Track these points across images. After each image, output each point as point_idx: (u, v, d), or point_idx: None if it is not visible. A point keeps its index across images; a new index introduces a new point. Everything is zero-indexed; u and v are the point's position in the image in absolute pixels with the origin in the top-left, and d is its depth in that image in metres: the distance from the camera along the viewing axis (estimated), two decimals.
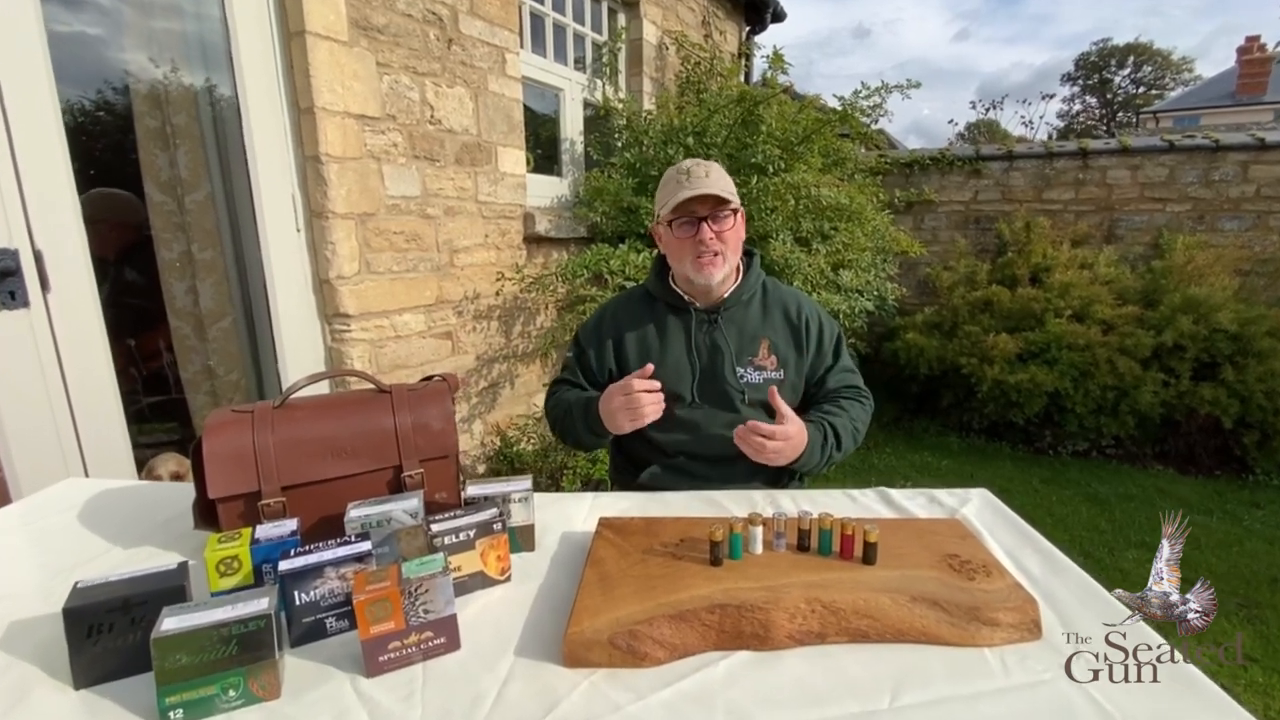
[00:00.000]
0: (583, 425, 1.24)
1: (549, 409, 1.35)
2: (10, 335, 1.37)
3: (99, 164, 2.29)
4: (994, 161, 4.44)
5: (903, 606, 0.73)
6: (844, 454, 1.25)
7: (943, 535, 0.88)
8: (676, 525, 0.92)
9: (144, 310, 2.13)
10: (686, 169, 1.21)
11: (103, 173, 2.28)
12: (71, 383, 1.48)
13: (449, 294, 2.44)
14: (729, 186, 1.22)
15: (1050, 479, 3.27)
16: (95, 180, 2.26)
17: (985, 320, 3.75)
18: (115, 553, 0.97)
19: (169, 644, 0.61)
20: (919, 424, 4.09)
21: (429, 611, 0.70)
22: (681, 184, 1.19)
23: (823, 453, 1.20)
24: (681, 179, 1.20)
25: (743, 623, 0.72)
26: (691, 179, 1.18)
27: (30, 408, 1.41)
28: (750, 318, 1.27)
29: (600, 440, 1.28)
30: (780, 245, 2.46)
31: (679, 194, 1.18)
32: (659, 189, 1.27)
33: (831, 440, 1.21)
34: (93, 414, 1.53)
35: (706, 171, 1.20)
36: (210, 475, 0.87)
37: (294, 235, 1.94)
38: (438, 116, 2.28)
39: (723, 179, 1.22)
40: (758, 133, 2.65)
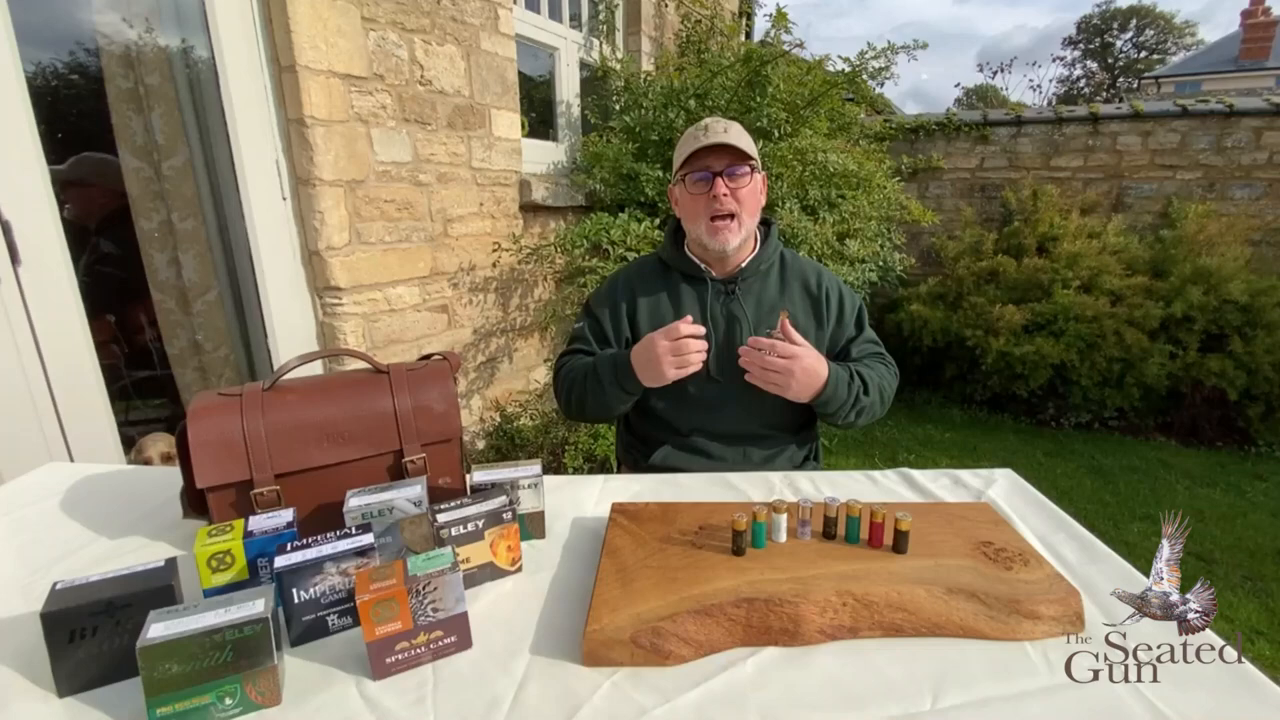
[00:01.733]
0: (611, 381, 1.13)
1: (561, 378, 1.25)
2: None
3: (72, 129, 2.18)
4: (1001, 127, 4.33)
5: (939, 599, 0.69)
6: (870, 407, 1.15)
7: (974, 521, 0.84)
8: (695, 511, 0.88)
9: (128, 281, 2.05)
10: (705, 125, 1.14)
11: (78, 138, 2.17)
12: (49, 360, 1.41)
13: (444, 265, 2.36)
14: (748, 144, 1.15)
15: (1054, 452, 3.26)
16: (69, 146, 2.15)
17: (991, 291, 3.69)
18: (101, 544, 0.92)
19: (157, 652, 0.56)
20: (921, 396, 4.07)
21: (438, 610, 0.66)
22: (698, 138, 1.13)
23: (850, 389, 1.11)
24: (699, 134, 1.13)
25: (771, 617, 0.68)
26: (709, 133, 1.12)
27: (5, 388, 1.35)
28: (768, 288, 1.21)
29: (626, 400, 1.16)
30: (787, 214, 2.38)
31: (694, 145, 1.12)
32: (677, 148, 1.20)
33: (857, 380, 1.13)
34: (73, 393, 1.47)
35: (726, 128, 1.14)
36: (198, 464, 0.82)
37: (280, 204, 1.85)
38: (428, 76, 2.16)
39: (743, 137, 1.15)
40: (764, 95, 2.54)
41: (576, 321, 1.29)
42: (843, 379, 1.11)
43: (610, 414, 1.22)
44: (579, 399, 1.21)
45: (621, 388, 1.13)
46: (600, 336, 1.25)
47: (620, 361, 1.11)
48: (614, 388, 1.14)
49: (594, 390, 1.17)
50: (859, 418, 1.16)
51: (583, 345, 1.26)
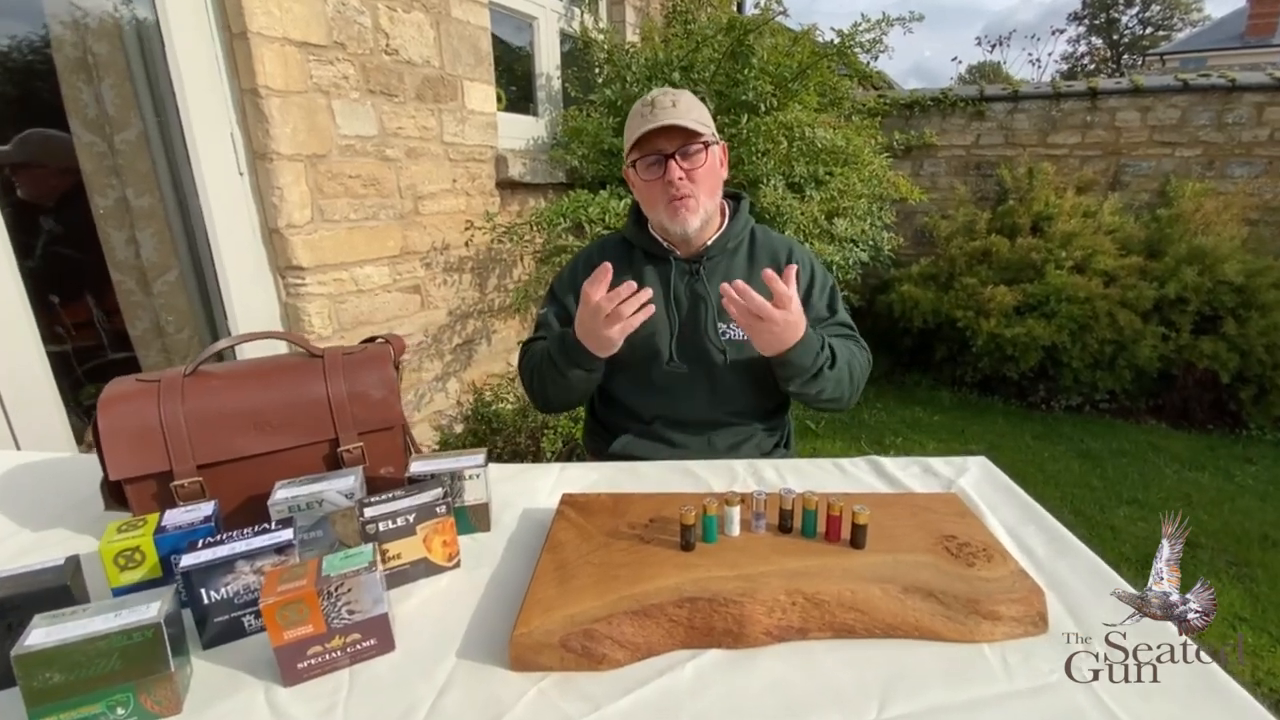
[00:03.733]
0: (564, 360, 1.05)
1: (523, 369, 1.19)
2: None
3: (19, 101, 2.08)
4: (998, 103, 4.23)
5: (894, 598, 0.64)
6: (835, 386, 1.07)
7: (939, 513, 0.79)
8: (647, 503, 0.83)
9: (85, 262, 1.98)
10: (651, 99, 1.06)
11: (27, 111, 2.07)
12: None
13: (415, 244, 2.29)
14: (701, 116, 1.07)
15: (1042, 435, 3.23)
16: (20, 120, 2.06)
17: (983, 272, 3.63)
18: (22, 536, 0.87)
19: (35, 660, 0.52)
20: (911, 378, 4.03)
21: (354, 612, 0.61)
22: (645, 116, 1.05)
23: (816, 359, 1.02)
24: (645, 111, 1.05)
25: (714, 618, 0.63)
26: (656, 110, 1.04)
27: None
28: (735, 267, 1.15)
29: (586, 377, 1.09)
30: (771, 191, 2.30)
31: (641, 128, 1.04)
32: (625, 126, 1.12)
33: (827, 353, 1.05)
34: (15, 377, 1.41)
35: (674, 100, 1.05)
36: (110, 454, 0.77)
37: (237, 179, 1.78)
38: (394, 45, 2.07)
39: (694, 108, 1.07)
40: (748, 66, 2.44)
41: (541, 307, 1.23)
42: (811, 347, 1.02)
43: (575, 396, 1.16)
44: (541, 386, 1.15)
45: (576, 364, 1.06)
46: (565, 321, 1.18)
47: (568, 338, 1.04)
48: (568, 366, 1.06)
49: (552, 375, 1.10)
50: (817, 392, 1.07)
51: (546, 333, 1.19)
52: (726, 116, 2.49)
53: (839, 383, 1.08)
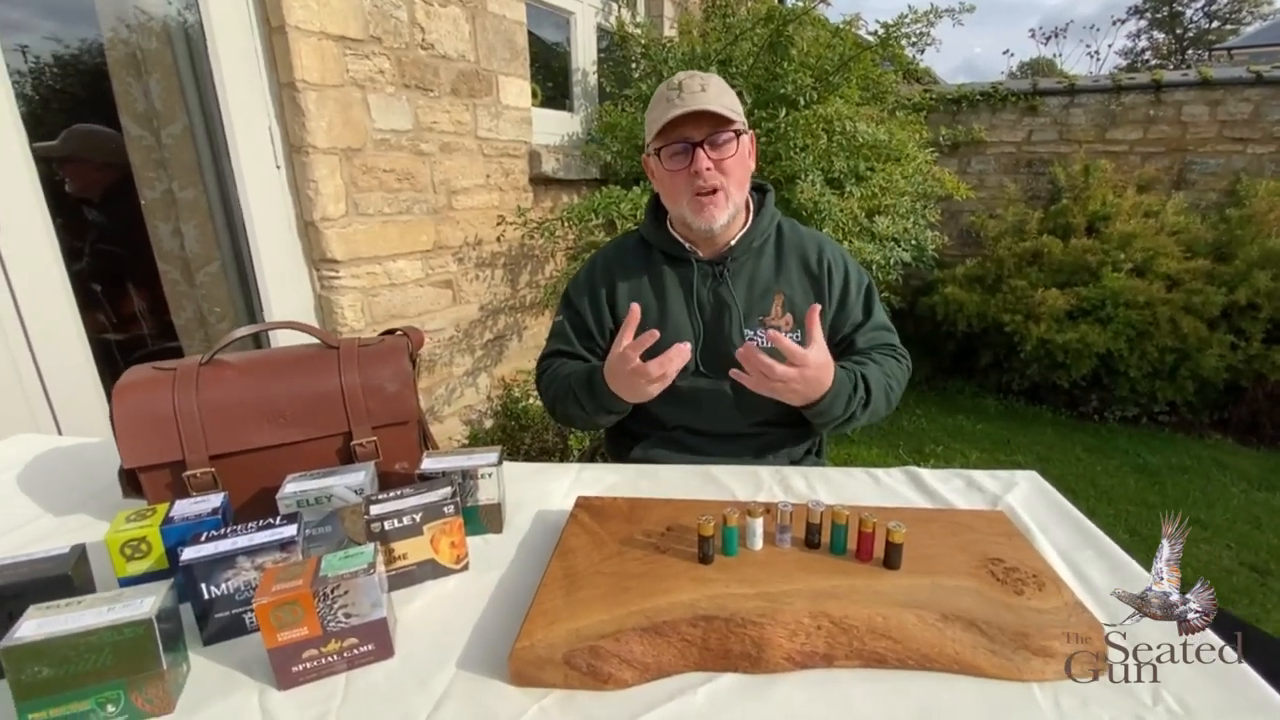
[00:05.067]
0: (593, 406, 1.01)
1: (543, 389, 1.13)
2: None
3: (75, 98, 2.15)
4: (1053, 97, 4.02)
5: (930, 626, 0.58)
6: (872, 415, 1.03)
7: (984, 533, 0.73)
8: (664, 509, 0.79)
9: (131, 254, 2.04)
10: (678, 82, 0.99)
11: (85, 107, 2.15)
12: (33, 331, 1.39)
13: (448, 239, 2.29)
14: (731, 102, 1.01)
15: (1095, 447, 3.05)
16: (78, 116, 2.13)
17: (1033, 274, 3.46)
18: (43, 521, 0.88)
19: (24, 653, 0.50)
20: (954, 384, 3.87)
21: (351, 615, 0.58)
22: (672, 101, 0.98)
23: (849, 405, 0.97)
24: (672, 95, 0.98)
25: (731, 639, 0.58)
26: (684, 94, 0.97)
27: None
28: (762, 268, 1.08)
29: (620, 416, 1.05)
30: (809, 187, 2.22)
31: (667, 113, 0.97)
32: (648, 111, 1.06)
33: (861, 393, 0.99)
34: (59, 365, 1.44)
35: (703, 84, 0.98)
36: (123, 442, 0.76)
37: (274, 172, 1.80)
38: (430, 40, 2.07)
39: (724, 93, 1.00)
40: (788, 59, 2.37)
41: (557, 314, 1.18)
42: (844, 392, 0.96)
43: (605, 427, 1.14)
44: (564, 415, 1.09)
45: (607, 410, 1.01)
46: (581, 330, 1.13)
47: (596, 383, 0.98)
48: (599, 411, 1.02)
49: (578, 413, 1.05)
50: (846, 429, 1.05)
51: (563, 344, 1.13)
52: (764, 110, 2.42)
53: (874, 414, 1.04)
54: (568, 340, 1.13)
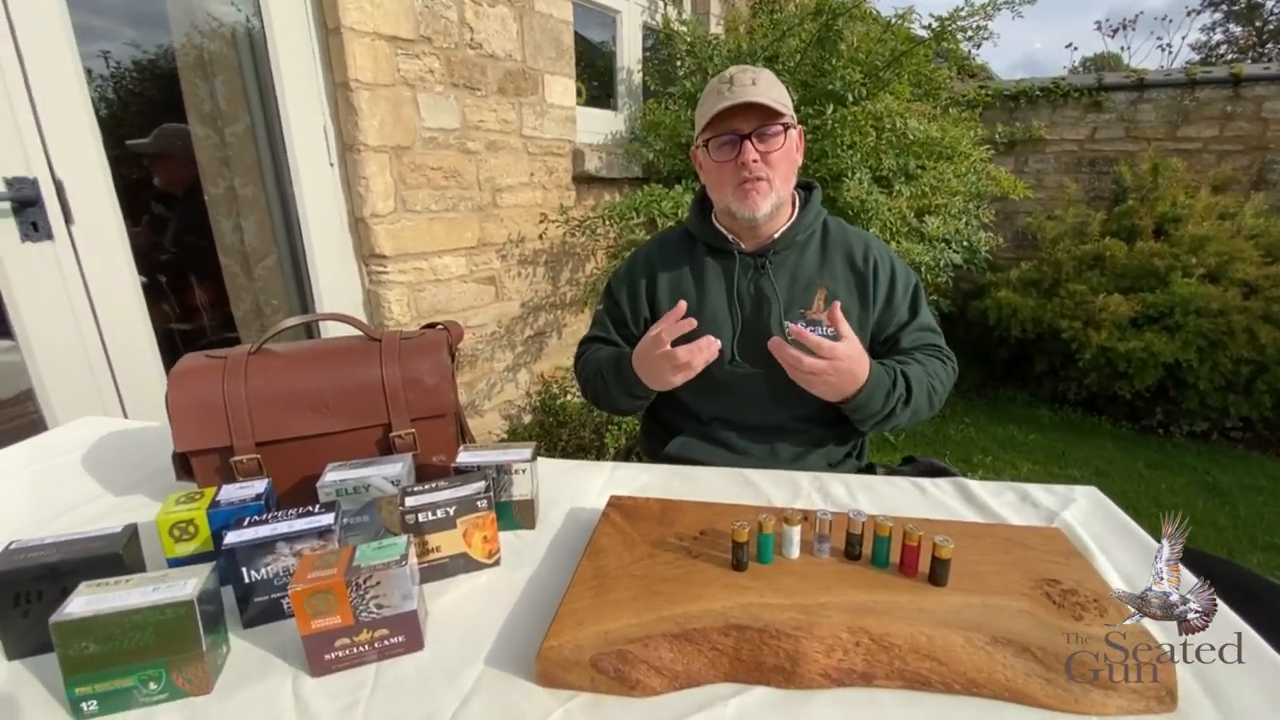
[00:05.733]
0: (617, 388, 1.05)
1: (578, 371, 1.18)
2: (36, 269, 1.35)
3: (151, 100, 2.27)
4: (1119, 92, 3.82)
5: (979, 650, 0.55)
6: (914, 415, 1.01)
7: (1039, 551, 0.68)
8: (699, 512, 0.77)
9: (202, 247, 2.14)
10: (730, 76, 0.99)
11: (155, 107, 2.27)
12: (103, 319, 1.47)
13: (491, 236, 2.32)
14: (781, 96, 1.00)
15: (1158, 463, 2.88)
16: (150, 115, 2.25)
17: (1094, 278, 3.28)
18: (104, 500, 0.92)
19: (72, 630, 0.52)
20: (1005, 393, 3.71)
21: (382, 606, 0.59)
22: (722, 94, 0.98)
23: (888, 401, 0.97)
24: (723, 88, 0.99)
25: (764, 651, 0.56)
26: (735, 87, 0.97)
27: (62, 345, 1.41)
28: (805, 262, 1.06)
29: (642, 402, 1.09)
30: (856, 185, 2.16)
31: (717, 105, 0.97)
32: (699, 105, 1.06)
33: (900, 390, 0.98)
34: (126, 351, 1.52)
35: (754, 79, 0.98)
36: (176, 427, 0.79)
37: (327, 170, 1.85)
38: (478, 39, 2.09)
39: (773, 86, 1.00)
40: (836, 54, 2.31)
41: (599, 303, 1.21)
42: (881, 387, 0.96)
43: (627, 410, 1.14)
44: (595, 396, 1.14)
45: (629, 393, 1.04)
46: (618, 319, 1.16)
47: (623, 367, 1.02)
48: (623, 394, 1.06)
49: (604, 393, 1.10)
50: (887, 427, 1.02)
51: (600, 331, 1.18)
52: (811, 108, 2.36)
53: (916, 414, 1.02)
54: (605, 328, 1.17)
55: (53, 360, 1.40)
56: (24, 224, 1.30)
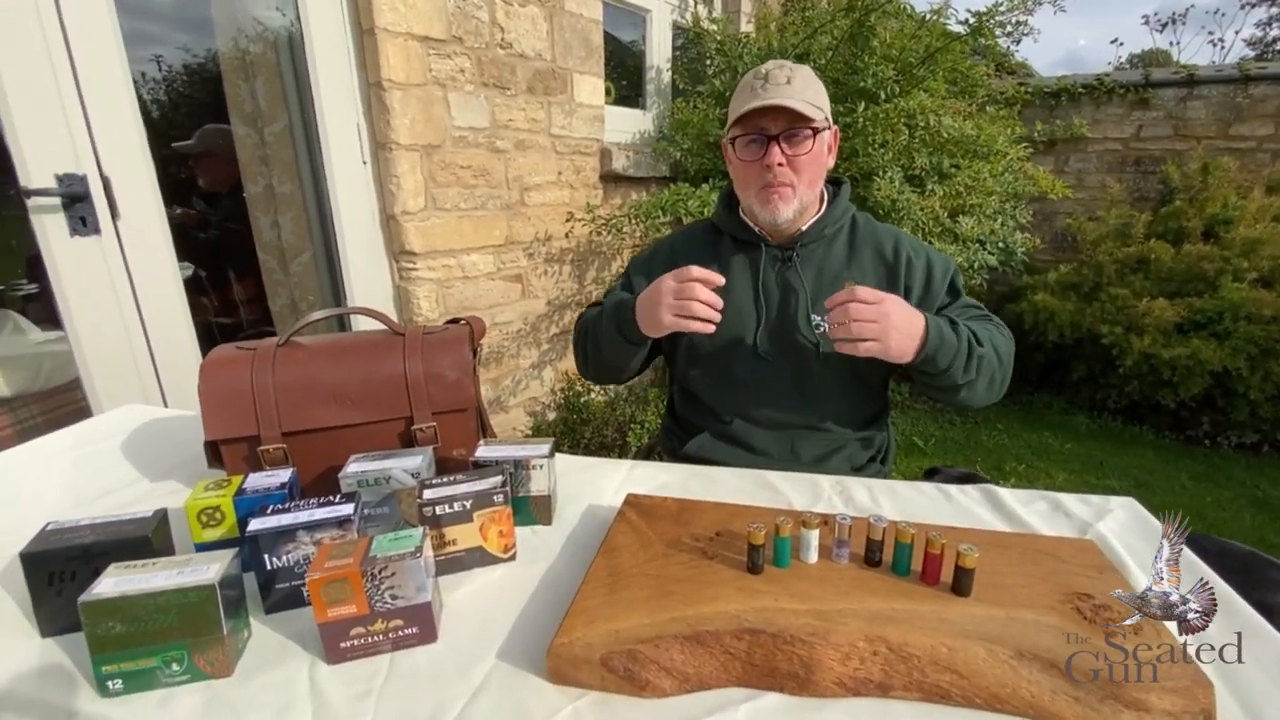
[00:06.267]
0: (611, 325, 1.01)
1: (578, 330, 1.15)
2: (84, 262, 1.40)
3: (199, 101, 2.35)
4: (1168, 88, 3.67)
5: (1003, 664, 0.53)
6: (988, 364, 0.92)
7: (1070, 563, 0.66)
8: (716, 513, 0.76)
9: (239, 244, 2.20)
10: (765, 72, 0.97)
11: (202, 109, 2.35)
12: (146, 311, 1.52)
13: (519, 234, 2.34)
14: (815, 98, 0.97)
15: (1204, 475, 2.76)
16: (198, 115, 2.34)
17: (1137, 282, 3.16)
18: (140, 485, 0.96)
19: (99, 610, 0.54)
20: (1040, 399, 3.60)
21: (397, 597, 0.59)
22: (755, 91, 0.96)
23: (959, 337, 0.89)
24: (756, 85, 0.97)
25: (778, 656, 0.55)
26: (768, 85, 0.95)
27: (107, 335, 1.46)
28: (833, 256, 1.04)
29: (625, 350, 1.03)
30: (887, 184, 2.12)
31: (747, 103, 0.95)
32: (734, 96, 1.04)
33: (964, 329, 0.91)
34: (168, 343, 1.57)
35: (789, 76, 0.96)
36: (206, 416, 0.81)
37: (360, 168, 1.89)
38: (508, 39, 2.11)
39: (808, 86, 0.97)
40: (868, 50, 2.26)
41: (615, 281, 1.20)
42: (945, 324, 0.90)
43: (616, 368, 1.09)
44: (585, 349, 1.12)
45: (620, 333, 1.00)
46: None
47: (625, 302, 0.99)
48: (613, 332, 1.01)
49: (595, 338, 1.06)
50: (979, 378, 0.92)
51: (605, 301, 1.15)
52: (842, 105, 2.33)
53: (991, 361, 0.93)
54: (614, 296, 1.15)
55: (99, 350, 1.45)
56: (73, 219, 1.36)
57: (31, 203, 1.32)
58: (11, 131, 1.27)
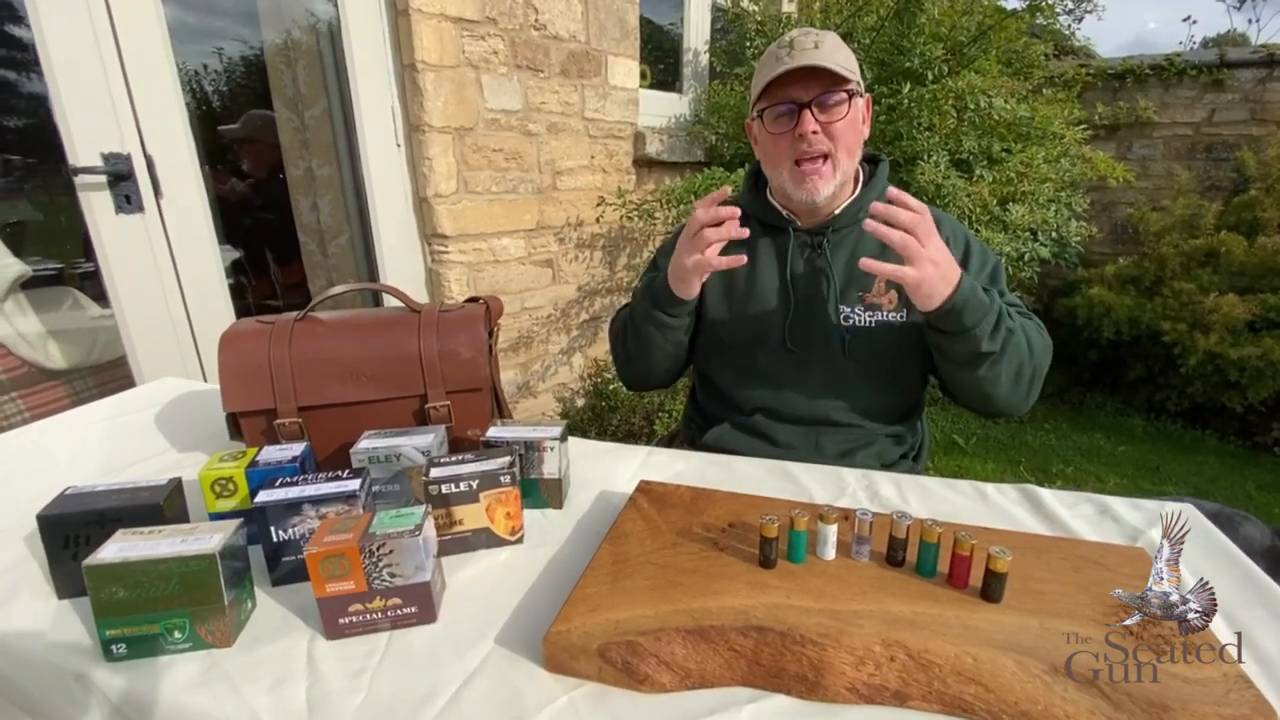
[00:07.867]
0: (646, 301, 0.99)
1: (613, 331, 1.14)
2: (129, 239, 1.45)
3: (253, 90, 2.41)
4: (1245, 69, 3.40)
5: (1035, 679, 0.48)
6: (1015, 344, 0.87)
7: (1116, 572, 0.60)
8: (730, 503, 0.73)
9: (284, 224, 2.26)
10: (790, 40, 0.91)
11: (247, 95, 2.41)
12: (187, 288, 1.56)
13: (550, 219, 2.32)
14: (846, 61, 0.91)
15: (1273, 485, 2.57)
16: (250, 103, 2.40)
17: (1205, 276, 2.96)
18: (169, 455, 0.98)
19: (102, 574, 0.54)
20: (1092, 399, 3.42)
21: (395, 575, 0.58)
22: (780, 59, 0.90)
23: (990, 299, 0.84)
24: (781, 53, 0.91)
25: (786, 657, 0.52)
26: (795, 50, 0.89)
27: (150, 311, 1.51)
28: (866, 241, 0.97)
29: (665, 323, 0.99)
30: (932, 169, 2.01)
31: (774, 71, 0.89)
32: (755, 72, 0.98)
33: (999, 302, 0.86)
34: (208, 318, 1.61)
35: (816, 41, 0.90)
36: (225, 388, 0.82)
37: (394, 150, 1.90)
38: (542, 21, 2.09)
39: (839, 50, 0.91)
40: (916, 28, 2.15)
41: (643, 274, 1.16)
42: (977, 293, 0.83)
43: (653, 354, 1.04)
44: (626, 345, 1.09)
45: (656, 304, 0.97)
46: None
47: (656, 277, 0.97)
48: (648, 306, 0.98)
49: (634, 325, 1.03)
50: (1004, 357, 0.86)
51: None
52: (887, 86, 2.23)
53: (1019, 344, 0.87)
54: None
55: (142, 325, 1.50)
56: (118, 196, 1.40)
57: (79, 180, 1.36)
58: (60, 111, 1.31)
